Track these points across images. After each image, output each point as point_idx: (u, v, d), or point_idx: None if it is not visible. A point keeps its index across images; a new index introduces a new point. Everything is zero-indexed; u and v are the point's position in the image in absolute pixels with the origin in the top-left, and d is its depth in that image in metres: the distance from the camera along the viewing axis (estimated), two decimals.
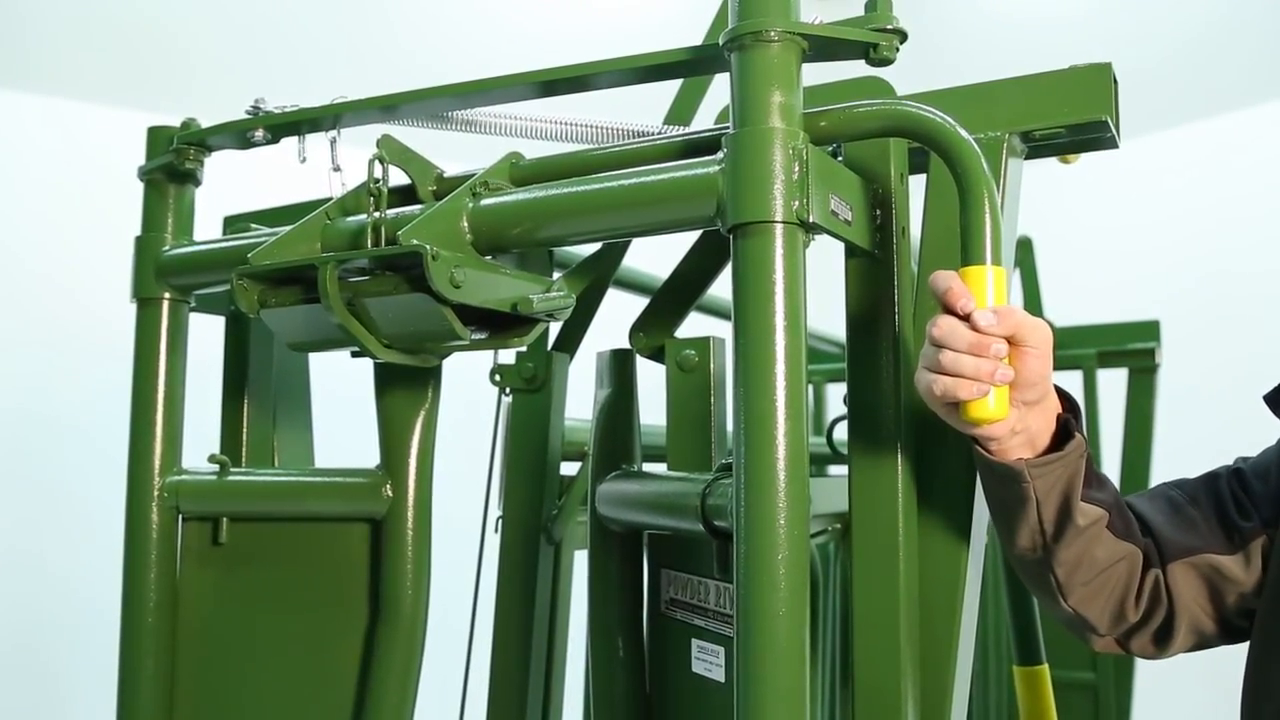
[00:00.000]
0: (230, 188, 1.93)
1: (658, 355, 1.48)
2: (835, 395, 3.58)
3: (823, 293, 1.23)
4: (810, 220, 1.01)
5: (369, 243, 1.22)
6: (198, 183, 1.54)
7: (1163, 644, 1.19)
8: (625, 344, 1.50)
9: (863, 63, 1.10)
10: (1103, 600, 1.15)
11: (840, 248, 1.18)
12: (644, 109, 1.46)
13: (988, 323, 0.97)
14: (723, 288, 1.19)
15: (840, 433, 1.68)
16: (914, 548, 1.17)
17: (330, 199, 1.34)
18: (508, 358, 1.81)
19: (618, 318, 1.66)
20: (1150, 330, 3.16)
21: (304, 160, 1.40)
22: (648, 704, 1.43)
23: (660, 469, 1.50)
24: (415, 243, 1.11)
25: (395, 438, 1.41)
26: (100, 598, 2.02)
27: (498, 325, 1.28)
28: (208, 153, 1.50)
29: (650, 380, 1.51)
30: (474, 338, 1.23)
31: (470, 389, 1.94)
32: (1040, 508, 1.07)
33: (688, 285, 1.47)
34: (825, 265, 1.28)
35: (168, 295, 1.51)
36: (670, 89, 1.71)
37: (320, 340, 1.27)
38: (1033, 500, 1.06)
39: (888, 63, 1.09)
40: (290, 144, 1.43)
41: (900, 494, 1.16)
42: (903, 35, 1.08)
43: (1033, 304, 3.26)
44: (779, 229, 1.00)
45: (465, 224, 1.20)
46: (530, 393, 1.80)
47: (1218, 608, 1.18)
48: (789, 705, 0.97)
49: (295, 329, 1.28)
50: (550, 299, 1.23)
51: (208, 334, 1.70)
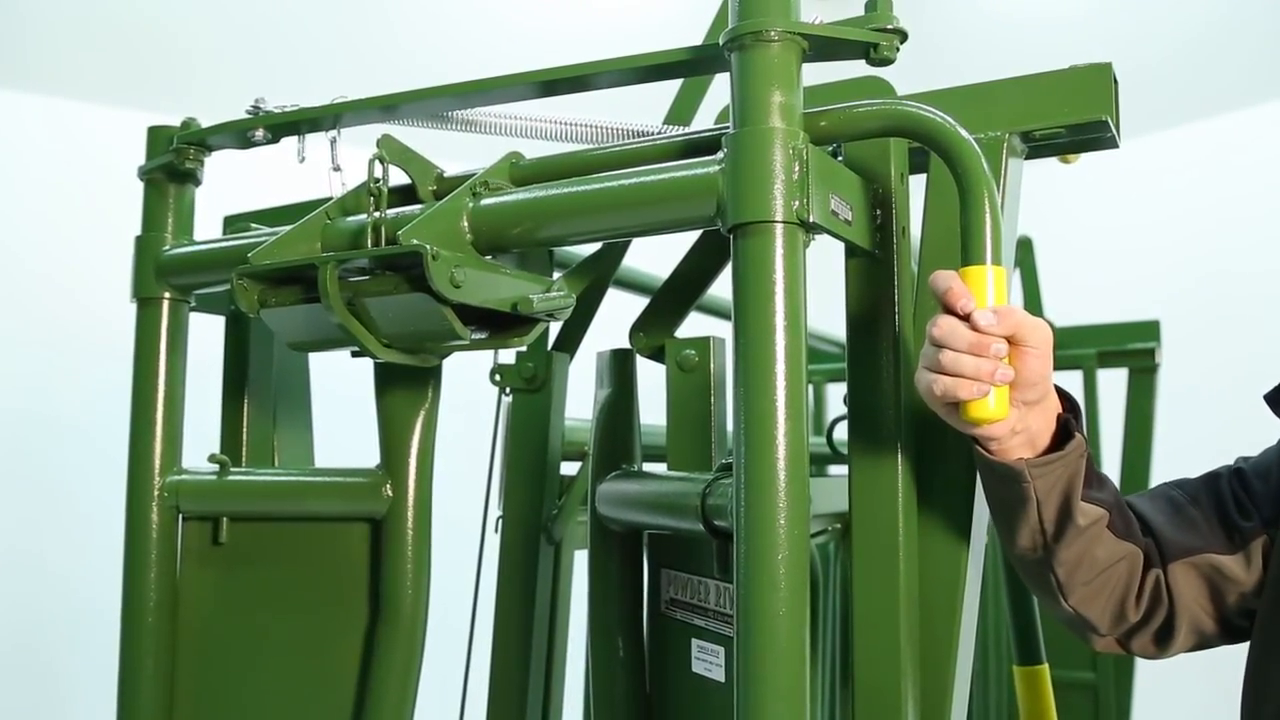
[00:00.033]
0: (230, 187, 1.93)
1: (658, 355, 1.48)
2: (835, 395, 3.57)
3: (823, 293, 1.23)
4: (810, 220, 1.01)
5: (369, 242, 1.22)
6: (198, 182, 1.54)
7: (1163, 644, 1.19)
8: (625, 344, 1.50)
9: (863, 63, 1.10)
10: (1103, 600, 1.15)
11: (840, 248, 1.18)
12: (644, 109, 1.46)
13: (988, 322, 0.97)
14: (723, 288, 1.19)
15: (840, 433, 1.68)
16: (914, 548, 1.17)
17: (330, 199, 1.34)
18: (508, 358, 1.81)
19: (618, 318, 1.66)
20: (1150, 330, 3.16)
21: (303, 160, 1.40)
22: (648, 704, 1.43)
23: (660, 469, 1.50)
24: (415, 242, 1.11)
25: (395, 437, 1.41)
26: (100, 598, 2.02)
27: (498, 325, 1.28)
28: (208, 152, 1.50)
29: (650, 380, 1.51)
30: (474, 338, 1.23)
31: (470, 389, 1.94)
32: (1041, 507, 1.07)
33: (688, 285, 1.47)
34: (825, 265, 1.28)
35: (168, 295, 1.51)
36: (670, 89, 1.70)
37: (320, 340, 1.27)
38: (1033, 500, 1.06)
39: (888, 63, 1.09)
40: (290, 144, 1.43)
41: (900, 494, 1.16)
42: (903, 35, 1.08)
43: (1033, 304, 3.26)
44: (779, 229, 1.00)
45: (465, 224, 1.20)
46: (530, 393, 1.80)
47: (1218, 607, 1.18)
48: (789, 705, 0.97)
49: (295, 329, 1.28)
50: (550, 299, 1.23)
51: (208, 334, 1.70)
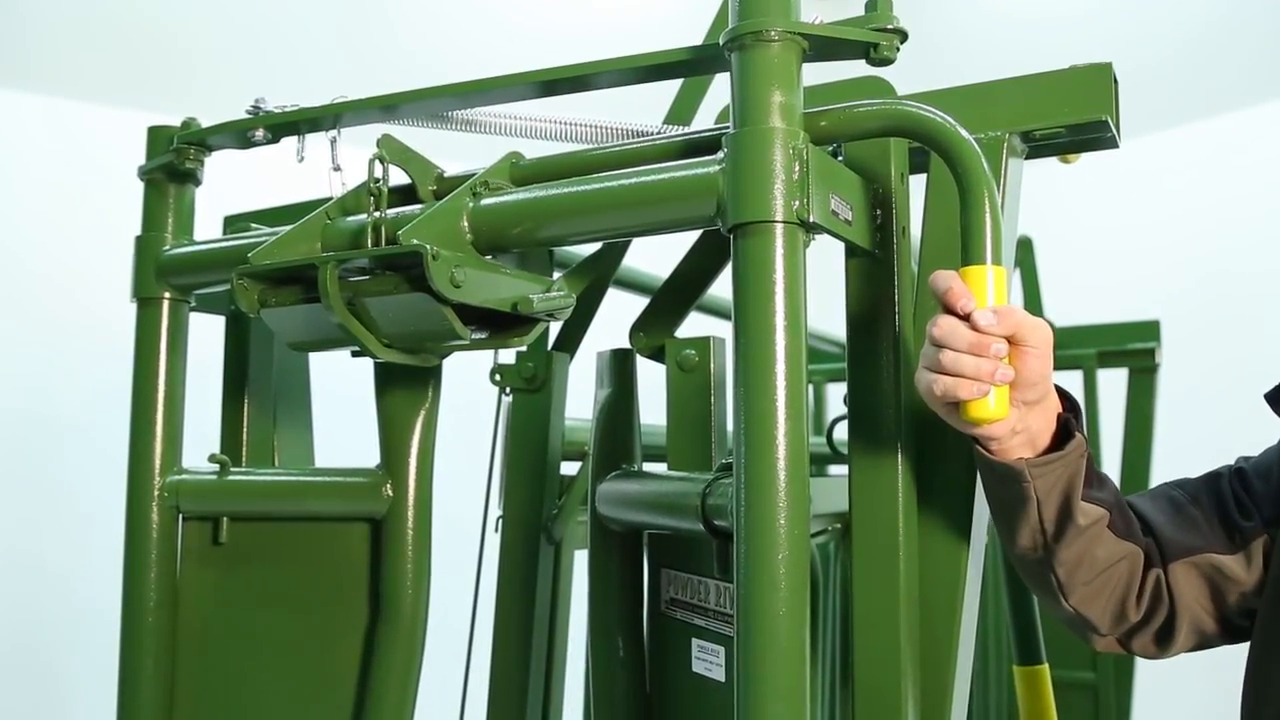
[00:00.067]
0: (230, 187, 1.93)
1: (658, 355, 1.48)
2: (835, 395, 3.57)
3: (823, 293, 1.23)
4: (810, 220, 1.01)
5: (369, 242, 1.22)
6: (198, 182, 1.54)
7: (1164, 644, 1.19)
8: (625, 344, 1.50)
9: (863, 62, 1.10)
10: (1104, 600, 1.15)
11: (840, 248, 1.18)
12: (644, 109, 1.46)
13: (988, 322, 0.97)
14: (723, 288, 1.19)
15: (840, 433, 1.68)
16: (914, 548, 1.17)
17: (330, 199, 1.34)
18: (508, 357, 1.81)
19: (618, 317, 1.66)
20: (1150, 330, 3.16)
21: (303, 160, 1.40)
22: (648, 704, 1.43)
23: (660, 469, 1.50)
24: (415, 242, 1.11)
25: (395, 437, 1.41)
26: (100, 598, 2.02)
27: (498, 325, 1.28)
28: (208, 152, 1.50)
29: (650, 380, 1.51)
30: (474, 337, 1.23)
31: (470, 389, 1.94)
32: (1041, 507, 1.07)
33: (688, 285, 1.47)
34: (825, 265, 1.28)
35: (168, 295, 1.51)
36: (670, 89, 1.70)
37: (320, 340, 1.27)
38: (1033, 500, 1.06)
39: (888, 62, 1.09)
40: (290, 144, 1.43)
41: (900, 494, 1.16)
42: (903, 35, 1.08)
43: (1033, 304, 3.26)
44: (779, 229, 1.00)
45: (465, 224, 1.20)
46: (530, 392, 1.80)
47: (1219, 607, 1.18)
48: (789, 705, 0.97)
49: (295, 328, 1.28)
50: (550, 299, 1.23)
51: (208, 334, 1.70)
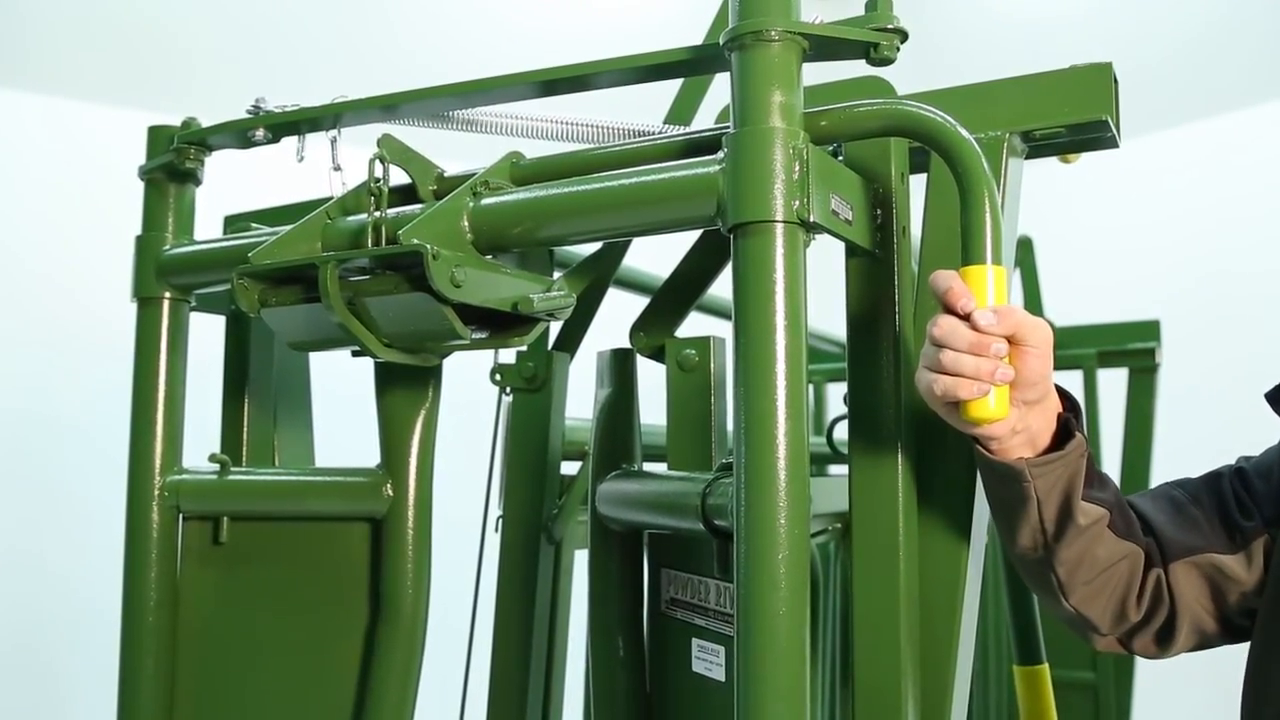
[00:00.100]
0: (230, 187, 1.93)
1: (658, 355, 1.48)
2: (835, 395, 3.57)
3: (823, 293, 1.23)
4: (811, 220, 1.01)
5: (369, 242, 1.22)
6: (198, 182, 1.54)
7: (1165, 644, 1.19)
8: (625, 343, 1.50)
9: (863, 62, 1.10)
10: (1104, 599, 1.15)
11: (840, 247, 1.18)
12: (644, 109, 1.46)
13: (988, 322, 0.97)
14: (723, 287, 1.19)
15: (840, 432, 1.68)
16: (914, 548, 1.17)
17: (331, 198, 1.34)
18: (508, 357, 1.81)
19: (618, 317, 1.66)
20: (1150, 330, 3.16)
21: (303, 159, 1.40)
22: (648, 703, 1.43)
23: (660, 469, 1.50)
24: (416, 242, 1.11)
25: (396, 437, 1.41)
26: (100, 597, 2.02)
27: (498, 325, 1.28)
28: (208, 152, 1.50)
29: (650, 380, 1.51)
30: (474, 337, 1.23)
31: (470, 389, 1.94)
32: (1041, 507, 1.07)
33: (688, 285, 1.47)
34: (825, 265, 1.28)
35: (168, 295, 1.51)
36: (670, 89, 1.70)
37: (321, 339, 1.27)
38: (1033, 499, 1.06)
39: (888, 62, 1.09)
40: (290, 143, 1.43)
41: (900, 494, 1.16)
42: (903, 35, 1.08)
43: (1033, 304, 3.26)
44: (779, 228, 1.00)
45: (466, 223, 1.20)
46: (530, 392, 1.80)
47: (1220, 607, 1.18)
48: (789, 705, 0.97)
49: (296, 328, 1.28)
50: (551, 298, 1.23)
51: (208, 333, 1.70)
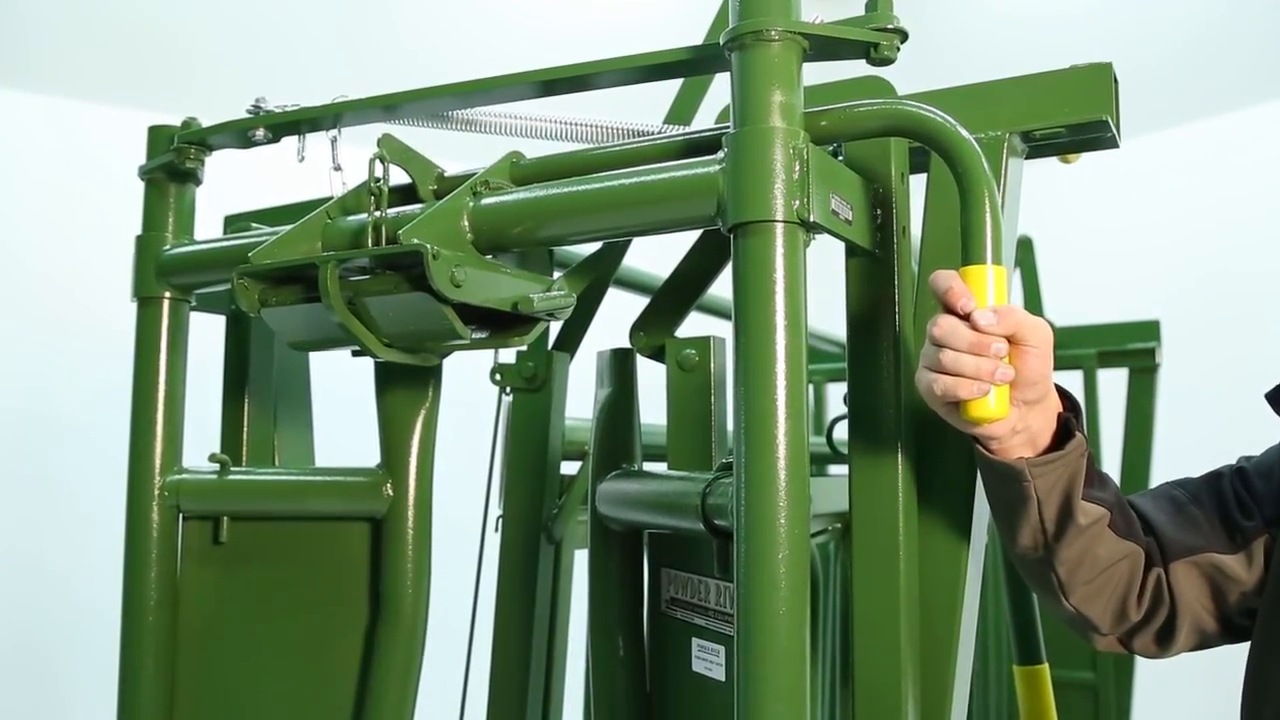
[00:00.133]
0: (231, 187, 1.93)
1: (658, 354, 1.48)
2: (835, 395, 3.57)
3: (823, 292, 1.23)
4: (811, 219, 1.01)
5: (370, 242, 1.22)
6: (198, 182, 1.54)
7: (1165, 643, 1.19)
8: (626, 343, 1.50)
9: (863, 62, 1.10)
10: (1105, 599, 1.15)
11: (840, 247, 1.18)
12: (644, 109, 1.46)
13: (988, 322, 0.97)
14: (723, 287, 1.19)
15: (840, 432, 1.68)
16: (914, 547, 1.17)
17: (331, 198, 1.34)
18: (508, 357, 1.81)
19: (618, 317, 1.66)
20: (1150, 330, 3.16)
21: (303, 159, 1.40)
22: (648, 703, 1.43)
23: (661, 468, 1.50)
24: (416, 242, 1.11)
25: (396, 437, 1.41)
26: (100, 597, 2.02)
27: (498, 324, 1.28)
28: (208, 152, 1.50)
29: (650, 380, 1.51)
30: (474, 337, 1.23)
31: (470, 388, 1.94)
32: (1041, 507, 1.07)
33: (688, 285, 1.47)
34: (825, 265, 1.28)
35: (168, 294, 1.51)
36: (670, 89, 1.70)
37: (321, 339, 1.27)
38: (1034, 499, 1.06)
39: (888, 62, 1.09)
40: (290, 143, 1.43)
41: (900, 494, 1.16)
42: (903, 35, 1.08)
43: (1033, 304, 3.26)
44: (779, 228, 1.00)
45: (466, 223, 1.20)
46: (531, 392, 1.80)
47: (1220, 607, 1.18)
48: (789, 704, 0.97)
49: (296, 328, 1.28)
50: (551, 298, 1.23)
51: (208, 333, 1.70)
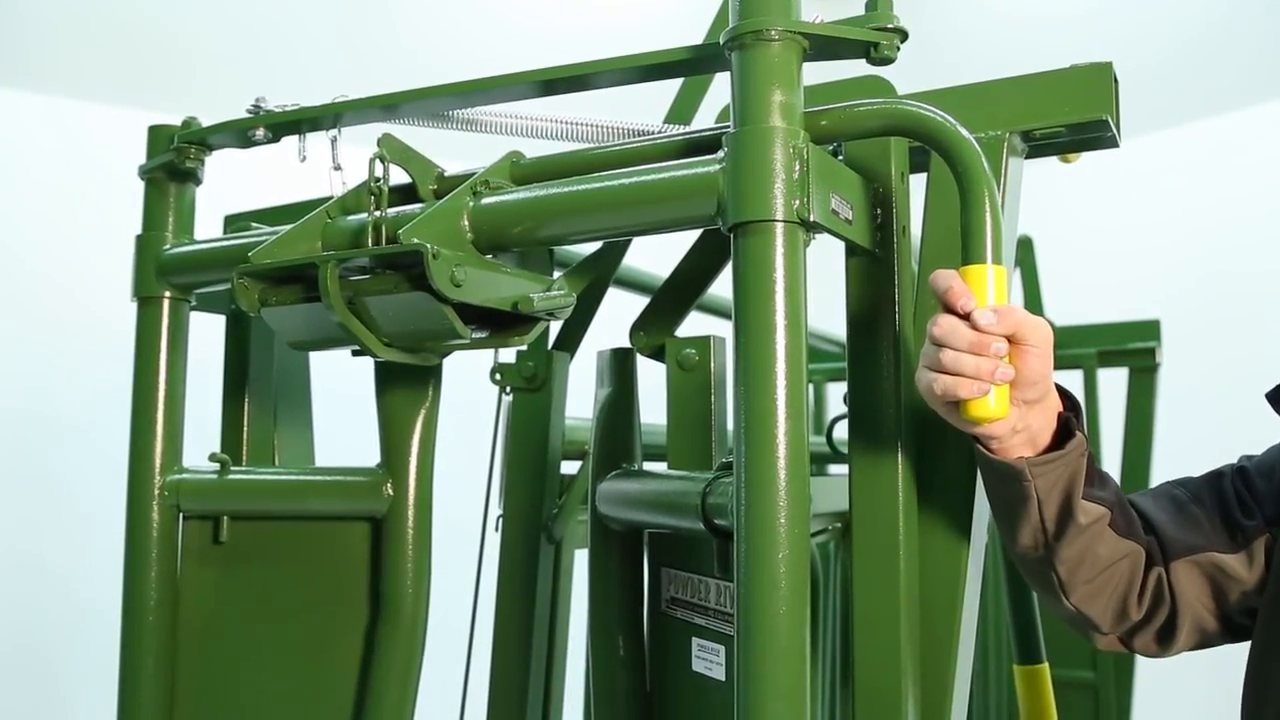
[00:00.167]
0: (231, 187, 1.93)
1: (658, 354, 1.48)
2: (835, 395, 3.57)
3: (823, 292, 1.23)
4: (811, 219, 1.01)
5: (370, 241, 1.22)
6: (198, 181, 1.54)
7: (1166, 642, 1.19)
8: (626, 343, 1.50)
9: (863, 62, 1.10)
10: (1105, 598, 1.15)
11: (840, 247, 1.18)
12: (644, 108, 1.46)
13: (988, 321, 0.97)
14: (723, 287, 1.19)
15: (840, 432, 1.68)
16: (914, 547, 1.17)
17: (331, 198, 1.34)
18: (508, 356, 1.81)
19: (618, 317, 1.66)
20: (1150, 330, 3.16)
21: (304, 159, 1.40)
22: (648, 703, 1.43)
23: (661, 468, 1.50)
24: (416, 241, 1.11)
25: (396, 436, 1.41)
26: (100, 597, 2.02)
27: (498, 324, 1.28)
28: (208, 151, 1.50)
29: (650, 379, 1.51)
30: (474, 336, 1.23)
31: (470, 388, 1.94)
32: (1042, 506, 1.07)
33: (688, 284, 1.47)
34: (825, 265, 1.28)
35: (168, 294, 1.51)
36: (670, 88, 1.70)
37: (321, 339, 1.27)
38: (1034, 499, 1.06)
39: (888, 62, 1.09)
40: (291, 143, 1.43)
41: (900, 493, 1.16)
42: (903, 34, 1.08)
43: (1033, 303, 3.26)
44: (779, 228, 1.00)
45: (466, 223, 1.20)
46: (531, 392, 1.80)
47: (1221, 606, 1.18)
48: (789, 704, 0.97)
49: (296, 328, 1.28)
50: (551, 298, 1.23)
51: (208, 333, 1.70)
